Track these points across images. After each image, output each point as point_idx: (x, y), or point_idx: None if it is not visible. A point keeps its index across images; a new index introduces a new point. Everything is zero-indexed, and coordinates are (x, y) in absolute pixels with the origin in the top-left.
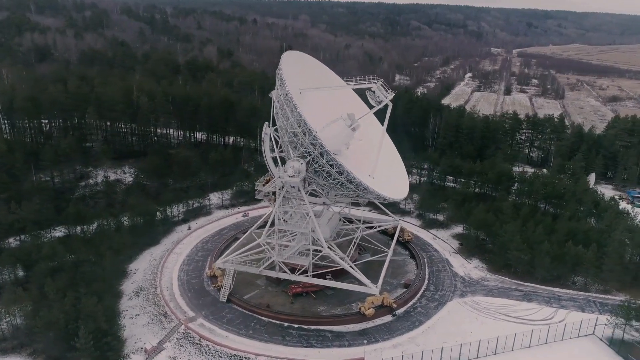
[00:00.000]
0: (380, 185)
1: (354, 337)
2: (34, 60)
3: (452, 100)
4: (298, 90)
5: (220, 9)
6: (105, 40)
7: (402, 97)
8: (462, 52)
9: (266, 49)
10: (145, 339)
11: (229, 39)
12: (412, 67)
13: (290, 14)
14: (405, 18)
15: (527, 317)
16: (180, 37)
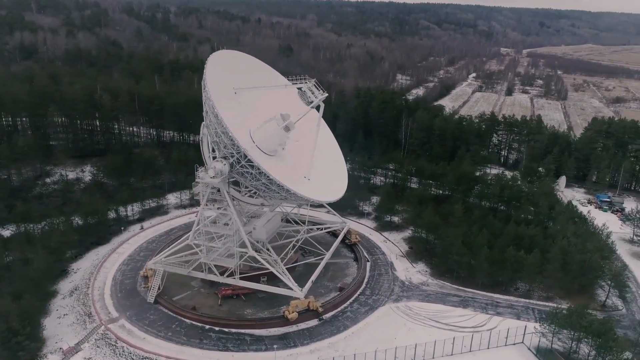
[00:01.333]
0: (315, 187)
1: (273, 341)
2: (18, 58)
3: (451, 100)
4: (223, 89)
5: (227, 8)
6: (97, 39)
7: (377, 98)
8: (470, 52)
9: (265, 48)
10: (67, 339)
11: (228, 38)
12: (415, 66)
13: (298, 14)
14: (415, 17)
15: (459, 324)
16: (177, 37)
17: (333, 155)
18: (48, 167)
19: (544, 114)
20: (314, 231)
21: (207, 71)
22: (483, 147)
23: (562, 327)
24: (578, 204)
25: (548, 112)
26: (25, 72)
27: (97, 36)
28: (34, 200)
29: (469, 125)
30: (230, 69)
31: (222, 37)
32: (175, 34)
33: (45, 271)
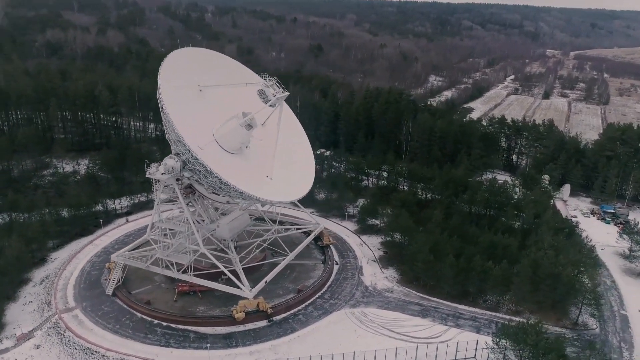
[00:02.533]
0: (276, 187)
1: (216, 340)
2: (45, 54)
3: (482, 103)
4: (185, 86)
5: (265, 8)
6: (126, 37)
7: (380, 98)
8: (512, 53)
9: (294, 47)
10: (24, 325)
11: (260, 37)
12: (451, 68)
13: (337, 14)
14: (458, 18)
15: (412, 334)
16: (210, 36)
17: (303, 155)
18: (47, 160)
19: (580, 118)
20: (284, 231)
21: (163, 68)
22: (487, 152)
23: (512, 342)
24: (579, 215)
25: (585, 117)
26: (37, 68)
27: (127, 35)
28: (29, 191)
29: (471, 129)
30: (197, 67)
31: (254, 36)
32: (207, 33)
33: (16, 259)
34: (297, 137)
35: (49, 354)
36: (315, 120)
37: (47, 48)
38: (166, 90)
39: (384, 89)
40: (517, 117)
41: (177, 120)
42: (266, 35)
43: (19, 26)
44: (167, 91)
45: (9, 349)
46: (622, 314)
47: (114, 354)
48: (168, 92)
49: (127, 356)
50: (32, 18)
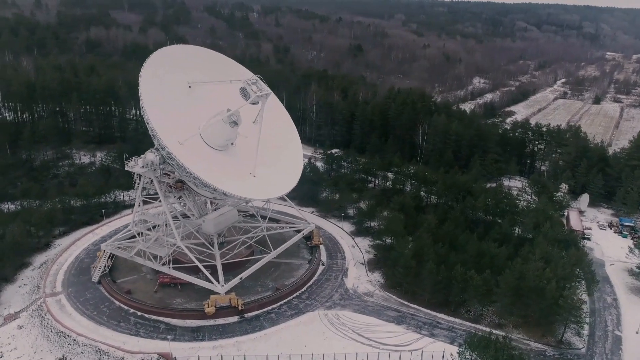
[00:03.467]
0: (258, 184)
1: (184, 332)
2: (84, 51)
3: (526, 107)
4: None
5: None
6: (166, 36)
7: (397, 99)
8: (567, 56)
9: (334, 47)
10: (15, 306)
11: (301, 36)
12: (498, 70)
13: (386, 14)
14: (512, 18)
15: (381, 340)
16: (250, 34)
17: (292, 153)
18: (68, 151)
19: (631, 125)
20: (273, 229)
21: (145, 65)
22: (506, 157)
23: (475, 354)
24: (595, 226)
25: (637, 124)
26: (68, 64)
27: (167, 33)
28: (47, 180)
29: (488, 133)
30: (188, 64)
31: (295, 35)
32: (249, 31)
33: (16, 244)
34: (288, 135)
35: (28, 335)
36: (332, 120)
37: (87, 45)
38: (145, 85)
39: (403, 90)
40: (560, 123)
41: (152, 114)
42: (307, 35)
43: (67, 24)
44: (147, 86)
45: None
46: (616, 334)
47: (84, 339)
48: (147, 87)
49: (95, 342)
50: (80, 16)
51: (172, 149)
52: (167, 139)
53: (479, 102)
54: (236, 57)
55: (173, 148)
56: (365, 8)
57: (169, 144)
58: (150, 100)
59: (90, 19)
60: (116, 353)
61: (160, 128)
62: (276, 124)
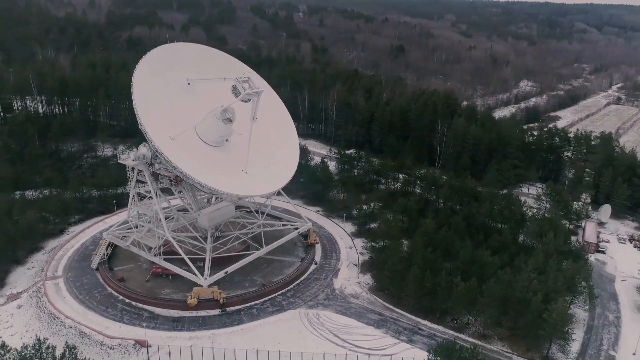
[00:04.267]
0: (249, 181)
1: (164, 321)
2: (126, 49)
3: (574, 112)
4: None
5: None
6: (206, 34)
7: (417, 100)
8: (628, 59)
9: (375, 47)
10: (19, 287)
11: (344, 36)
12: (547, 73)
13: (435, 14)
14: (571, 19)
15: (356, 342)
16: (292, 34)
17: (289, 151)
18: (94, 144)
19: None
20: (270, 226)
21: (140, 63)
22: (527, 163)
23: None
24: (614, 239)
25: None
26: (101, 60)
27: (208, 32)
28: (72, 171)
29: (509, 137)
30: (188, 61)
31: (338, 35)
32: (291, 31)
33: (29, 229)
34: (286, 134)
35: (25, 315)
36: (351, 120)
37: (128, 43)
38: (139, 82)
39: (427, 91)
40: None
41: (142, 109)
42: (350, 35)
43: (114, 23)
44: (140, 82)
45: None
46: (610, 354)
47: (70, 321)
48: (140, 83)
49: (80, 325)
50: (127, 15)
51: (158, 143)
52: (155, 133)
53: (521, 106)
54: (272, 56)
55: (159, 142)
56: (414, 9)
57: (156, 138)
58: (142, 96)
59: (137, 18)
60: (97, 337)
61: (149, 123)
62: (275, 122)
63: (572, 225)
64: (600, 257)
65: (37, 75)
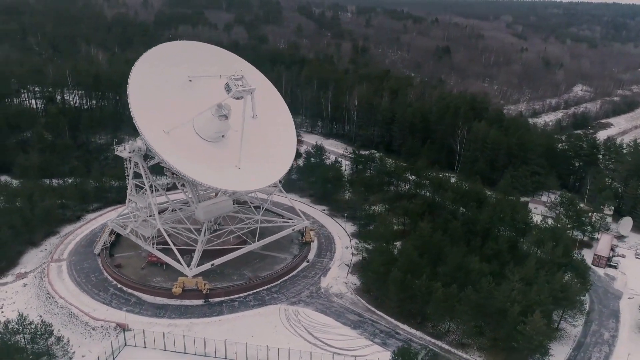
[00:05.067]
0: (240, 176)
1: (149, 307)
2: None
3: (628, 120)
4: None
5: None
6: (248, 34)
7: (439, 102)
8: None
9: (419, 48)
10: (28, 267)
11: (390, 37)
12: (605, 77)
13: (491, 15)
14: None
15: (328, 341)
16: (337, 34)
17: (285, 148)
18: (122, 137)
19: None
20: (268, 222)
21: (139, 60)
22: (550, 170)
23: None
24: (631, 255)
25: None
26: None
27: (250, 32)
28: (97, 162)
29: (530, 143)
30: (189, 59)
31: (384, 35)
32: (336, 31)
33: (46, 214)
34: (285, 131)
35: (27, 293)
36: (373, 121)
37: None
38: (136, 77)
39: (453, 94)
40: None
41: (135, 103)
42: (395, 35)
43: (162, 22)
44: (137, 77)
45: (8, 283)
46: None
47: (63, 301)
48: (137, 78)
49: (71, 306)
50: (174, 15)
51: (148, 136)
52: (146, 127)
53: (569, 112)
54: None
55: (149, 136)
56: (470, 9)
57: (146, 132)
58: (137, 91)
59: (183, 17)
60: (83, 318)
61: (141, 117)
62: (275, 120)
63: (587, 237)
64: (610, 272)
65: (73, 71)
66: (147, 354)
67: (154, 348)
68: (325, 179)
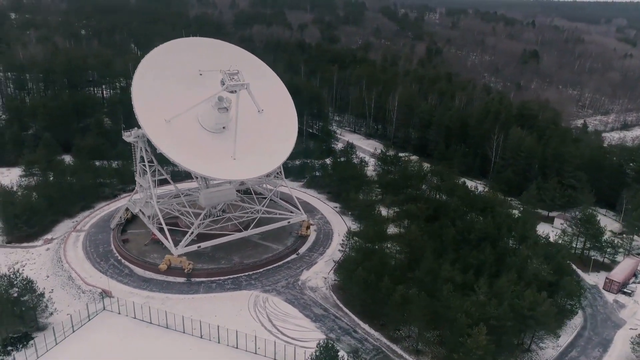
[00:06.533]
0: (233, 167)
1: (137, 279)
2: None
3: None
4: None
5: (508, 11)
6: (320, 33)
7: (479, 107)
8: None
9: (503, 52)
10: (56, 234)
11: (475, 39)
12: None
13: (603, 18)
14: None
15: (284, 330)
16: (417, 35)
17: (284, 142)
18: None
19: None
20: (267, 213)
21: (148, 55)
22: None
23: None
24: None
25: None
26: None
27: (323, 31)
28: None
29: (568, 154)
30: (201, 55)
31: (469, 37)
32: (417, 32)
33: (82, 189)
34: (288, 127)
35: (47, 256)
36: (412, 122)
37: (241, 40)
38: (142, 69)
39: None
40: None
41: (137, 94)
42: (480, 37)
43: (241, 22)
44: (143, 70)
45: (36, 246)
46: None
47: (68, 266)
48: (144, 70)
49: (72, 270)
50: (254, 14)
51: (145, 125)
52: (145, 117)
53: None
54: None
55: (146, 125)
56: (580, 12)
57: (144, 122)
58: (141, 83)
59: (262, 17)
60: (78, 282)
61: (140, 107)
62: (280, 115)
63: (608, 259)
64: (622, 299)
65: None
66: (119, 320)
67: (126, 315)
68: (341, 177)
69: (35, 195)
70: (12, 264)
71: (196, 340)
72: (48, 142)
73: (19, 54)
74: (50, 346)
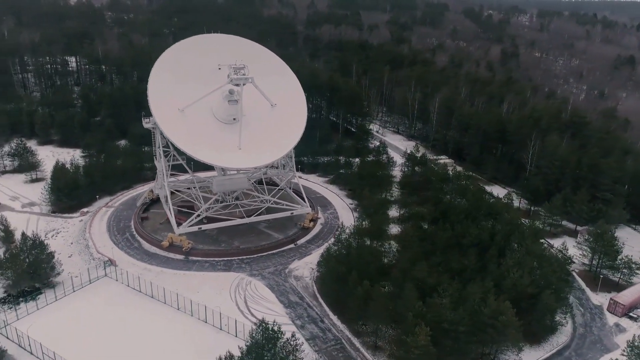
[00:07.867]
0: (238, 156)
1: (142, 253)
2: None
3: None
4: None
5: (610, 13)
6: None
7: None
8: None
9: (594, 57)
10: (93, 208)
11: (564, 43)
12: None
13: None
14: None
15: (255, 312)
16: (496, 37)
17: (290, 136)
18: None
19: None
20: (275, 204)
21: (168, 50)
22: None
23: None
24: None
25: None
26: None
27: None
28: None
29: (603, 165)
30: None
31: (556, 41)
32: (497, 34)
33: (122, 171)
34: (298, 122)
35: (77, 227)
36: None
37: (305, 40)
38: (161, 63)
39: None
40: None
41: (153, 86)
42: (569, 41)
43: (314, 22)
44: (162, 64)
45: (73, 217)
46: None
47: (88, 236)
48: (162, 64)
49: (90, 240)
50: (329, 15)
51: (156, 115)
52: (157, 107)
53: None
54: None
55: (157, 114)
56: None
57: (156, 112)
58: (158, 75)
59: (334, 17)
60: (92, 250)
61: (154, 98)
62: (293, 109)
63: (623, 280)
64: (625, 323)
65: None
66: (114, 287)
67: (122, 283)
68: (360, 175)
69: (82, 173)
70: (49, 230)
71: (173, 312)
72: (109, 128)
73: (98, 48)
74: (50, 301)
